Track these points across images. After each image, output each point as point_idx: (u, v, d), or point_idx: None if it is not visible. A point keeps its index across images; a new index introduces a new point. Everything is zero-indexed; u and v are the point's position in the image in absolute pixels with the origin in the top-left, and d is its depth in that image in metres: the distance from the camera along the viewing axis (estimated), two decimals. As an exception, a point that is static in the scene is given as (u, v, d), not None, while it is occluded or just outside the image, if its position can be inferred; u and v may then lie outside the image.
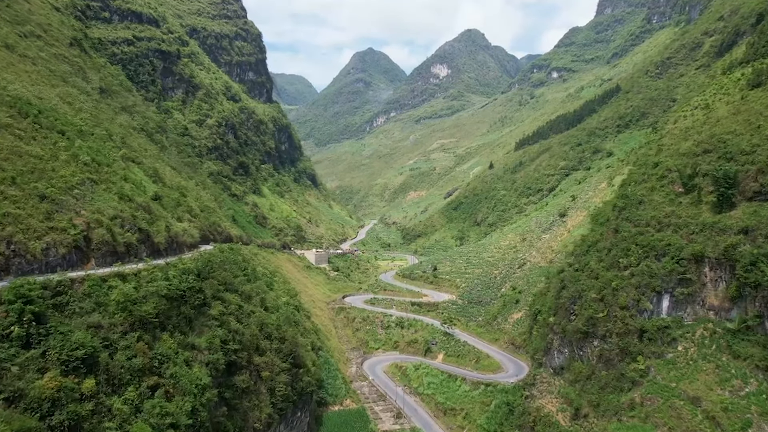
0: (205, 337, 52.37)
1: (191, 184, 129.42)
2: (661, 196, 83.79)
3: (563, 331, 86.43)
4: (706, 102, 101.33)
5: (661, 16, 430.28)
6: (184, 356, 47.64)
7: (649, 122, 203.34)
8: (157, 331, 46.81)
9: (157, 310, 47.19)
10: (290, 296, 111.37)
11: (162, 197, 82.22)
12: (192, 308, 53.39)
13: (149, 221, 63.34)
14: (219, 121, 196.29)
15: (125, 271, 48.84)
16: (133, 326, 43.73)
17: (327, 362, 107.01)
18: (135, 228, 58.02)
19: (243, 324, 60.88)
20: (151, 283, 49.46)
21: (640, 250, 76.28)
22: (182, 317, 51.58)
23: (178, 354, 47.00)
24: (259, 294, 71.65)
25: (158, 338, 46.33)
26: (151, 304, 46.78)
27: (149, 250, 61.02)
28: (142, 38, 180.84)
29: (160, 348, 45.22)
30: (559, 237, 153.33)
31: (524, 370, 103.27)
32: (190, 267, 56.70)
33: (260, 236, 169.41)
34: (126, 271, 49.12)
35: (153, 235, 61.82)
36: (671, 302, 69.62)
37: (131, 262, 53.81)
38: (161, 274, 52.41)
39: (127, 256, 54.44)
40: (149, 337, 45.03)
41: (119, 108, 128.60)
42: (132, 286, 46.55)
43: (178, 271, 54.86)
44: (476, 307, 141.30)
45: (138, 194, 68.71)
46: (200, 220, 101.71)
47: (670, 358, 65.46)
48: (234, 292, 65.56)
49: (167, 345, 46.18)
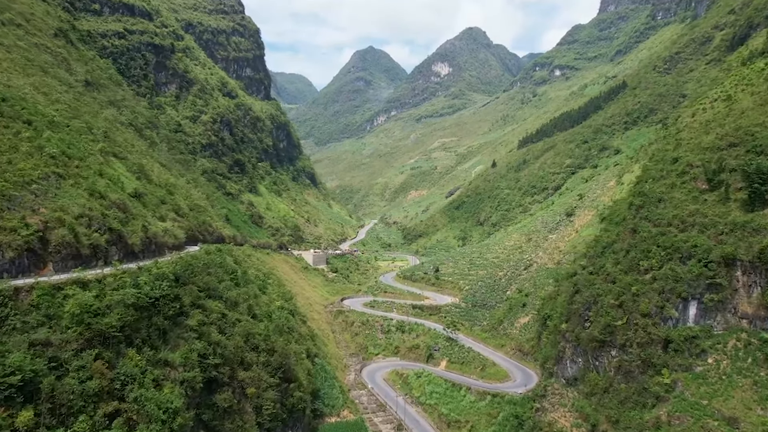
0: (181, 352, 46.22)
1: (182, 182, 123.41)
2: (682, 194, 77.64)
3: (577, 339, 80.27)
4: (728, 93, 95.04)
5: (666, 13, 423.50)
6: (153, 375, 41.48)
7: (657, 118, 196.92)
8: (122, 347, 40.70)
9: (123, 322, 41.12)
10: (285, 300, 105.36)
11: (144, 194, 76.24)
12: (166, 318, 47.23)
13: (123, 220, 57.21)
14: (214, 117, 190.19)
15: (87, 277, 42.74)
16: (90, 342, 37.64)
17: (324, 370, 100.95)
18: (105, 228, 51.89)
19: (226, 335, 54.73)
20: (118, 291, 43.33)
21: (662, 252, 70.10)
22: (154, 329, 45.46)
23: (146, 373, 40.85)
24: (247, 300, 65.46)
25: (123, 355, 40.20)
26: (115, 315, 40.69)
27: (122, 252, 54.94)
28: (134, 31, 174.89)
29: (124, 367, 39.08)
30: (567, 237, 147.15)
31: (533, 379, 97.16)
32: (165, 272, 50.52)
33: (256, 236, 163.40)
34: (88, 277, 43.01)
35: (127, 235, 55.68)
36: (699, 309, 63.42)
37: (98, 266, 47.67)
38: (130, 280, 46.26)
39: (93, 259, 48.39)
40: (111, 354, 38.91)
41: (106, 102, 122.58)
42: (92, 294, 40.41)
43: (151, 276, 48.73)
44: (480, 311, 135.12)
45: (114, 191, 62.64)
46: (189, 220, 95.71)
47: (700, 372, 59.27)
48: (217, 298, 59.43)
49: (133, 363, 40.03)
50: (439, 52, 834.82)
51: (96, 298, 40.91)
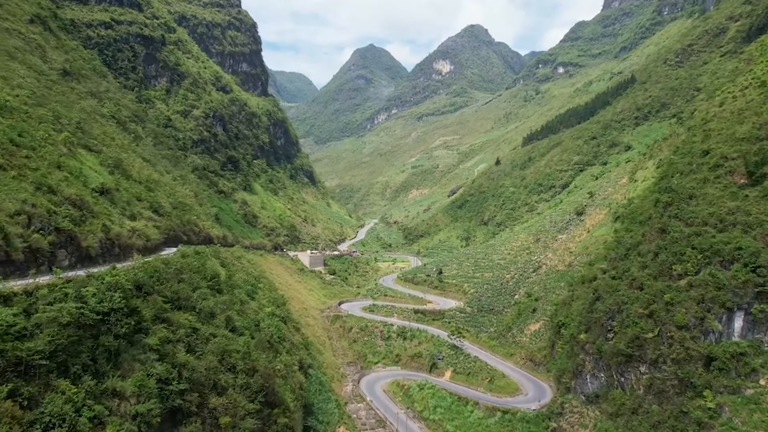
0: (134, 379, 37.94)
1: (167, 179, 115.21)
2: (717, 189, 69.21)
3: (598, 351, 71.87)
4: (761, 80, 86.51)
5: (672, 8, 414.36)
6: (93, 412, 33.18)
7: (670, 113, 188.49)
8: (52, 377, 32.38)
9: (55, 346, 32.84)
10: (276, 306, 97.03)
11: (115, 190, 67.98)
12: (117, 338, 38.97)
13: (78, 219, 49.01)
14: (206, 112, 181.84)
15: (12, 289, 34.38)
16: (3, 375, 29.27)
17: (318, 382, 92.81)
18: (50, 227, 43.64)
19: (196, 353, 46.47)
20: (53, 306, 35.00)
21: (698, 255, 61.66)
22: (101, 352, 37.20)
23: (82, 410, 32.53)
24: (225, 311, 57.10)
25: (52, 388, 31.86)
26: (44, 337, 32.47)
27: (74, 256, 46.75)
28: (121, 22, 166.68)
29: (51, 405, 30.76)
30: (578, 238, 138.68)
31: (546, 393, 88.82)
32: (121, 280, 42.18)
33: (249, 237, 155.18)
34: (14, 288, 34.66)
35: (80, 237, 47.41)
36: (747, 322, 54.98)
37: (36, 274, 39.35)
38: (73, 291, 37.94)
39: (31, 265, 40.12)
40: (34, 388, 30.63)
41: (86, 93, 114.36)
42: (11, 312, 32.09)
43: (102, 285, 40.41)
44: (487, 316, 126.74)
45: (72, 185, 54.45)
46: (171, 219, 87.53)
47: (751, 396, 50.90)
48: (189, 310, 51.15)
49: (65, 398, 31.69)
50: (441, 49, 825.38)
51: (20, 315, 32.62)
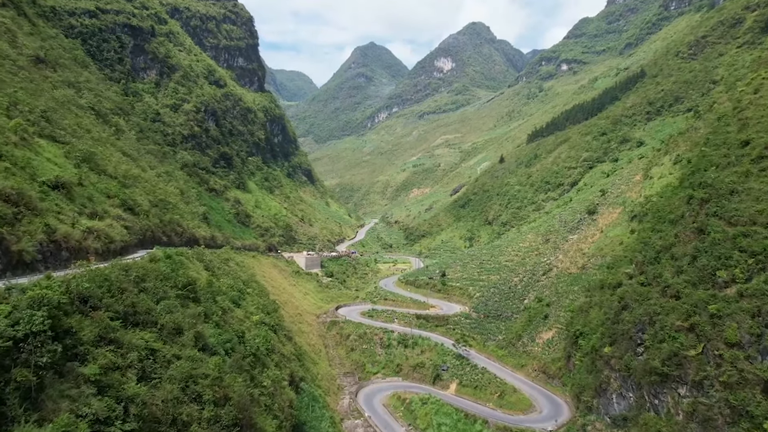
0: (58, 423, 29.27)
1: (149, 175, 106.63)
2: (764, 183, 60.63)
3: (626, 368, 63.23)
4: (803, 63, 77.84)
5: (679, 2, 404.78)
6: (-11, 475, 24.56)
7: (685, 107, 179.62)
8: (-70, 432, 23.72)
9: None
10: (266, 313, 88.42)
11: (74, 185, 59.41)
12: (39, 369, 30.31)
13: (11, 217, 40.46)
14: (197, 106, 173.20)
15: None
16: None
17: (311, 397, 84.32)
18: (-34, 228, 35.01)
19: (152, 382, 37.81)
20: (-57, 332, 26.39)
21: (749, 260, 53.02)
22: (12, 390, 28.55)
23: (-29, 475, 23.90)
24: (195, 326, 48.49)
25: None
26: None
27: (4, 263, 38.14)
28: (108, 11, 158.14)
29: None
30: (590, 238, 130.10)
31: (563, 411, 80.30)
32: (53, 294, 33.53)
33: (241, 237, 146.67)
34: None
35: (10, 240, 38.84)
36: (814, 340, 46.62)
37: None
38: (-20, 310, 29.34)
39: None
40: None
41: (61, 82, 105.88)
42: None
43: (24, 302, 31.81)
44: (495, 323, 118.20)
45: (12, 178, 45.95)
46: (148, 218, 78.92)
47: (825, 430, 42.61)
48: (149, 326, 42.53)
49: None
50: (442, 47, 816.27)
51: None
